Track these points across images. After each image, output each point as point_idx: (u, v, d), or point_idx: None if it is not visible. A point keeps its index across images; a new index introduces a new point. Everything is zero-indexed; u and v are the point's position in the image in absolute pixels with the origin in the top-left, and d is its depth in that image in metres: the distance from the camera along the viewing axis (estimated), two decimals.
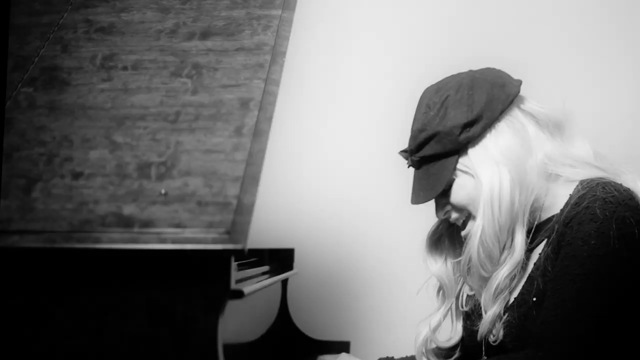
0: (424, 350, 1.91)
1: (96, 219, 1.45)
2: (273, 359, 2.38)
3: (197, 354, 1.42)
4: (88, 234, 1.43)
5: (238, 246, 1.42)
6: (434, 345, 1.94)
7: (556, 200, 1.75)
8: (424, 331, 1.90)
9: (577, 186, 1.72)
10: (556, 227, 1.70)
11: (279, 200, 2.64)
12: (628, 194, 1.68)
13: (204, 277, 1.43)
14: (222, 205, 1.47)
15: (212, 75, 1.73)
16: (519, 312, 1.73)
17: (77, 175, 1.53)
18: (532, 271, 1.74)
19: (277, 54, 1.79)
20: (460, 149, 1.75)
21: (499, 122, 1.76)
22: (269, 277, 1.99)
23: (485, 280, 1.77)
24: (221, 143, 1.58)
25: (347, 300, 2.69)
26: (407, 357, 2.05)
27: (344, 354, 2.03)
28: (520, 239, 1.73)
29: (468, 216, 1.79)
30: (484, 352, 1.82)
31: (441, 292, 1.91)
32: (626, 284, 1.62)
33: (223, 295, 1.43)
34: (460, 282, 1.89)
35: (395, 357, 2.05)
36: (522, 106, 1.79)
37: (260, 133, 1.60)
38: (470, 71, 1.82)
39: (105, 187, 1.50)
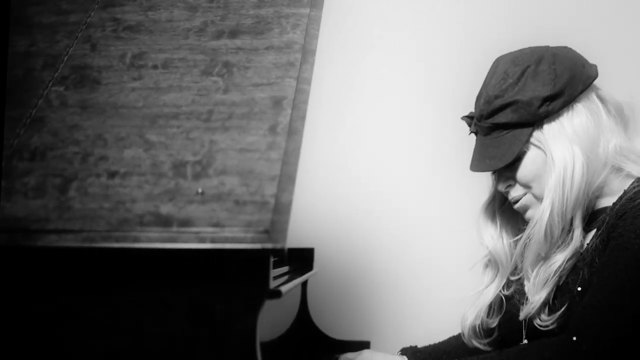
0: (473, 332, 1.88)
1: (134, 218, 1.44)
2: (293, 358, 2.37)
3: (236, 354, 1.42)
4: (126, 233, 1.42)
5: (277, 245, 1.41)
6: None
7: (611, 192, 1.75)
8: (474, 311, 1.87)
9: (634, 182, 1.73)
10: (607, 219, 1.70)
11: (299, 199, 2.61)
12: None
13: (243, 277, 1.42)
14: (260, 204, 1.46)
15: (243, 74, 1.72)
16: (561, 301, 1.73)
17: (112, 174, 1.52)
18: (578, 260, 1.74)
19: (307, 52, 1.78)
20: (535, 122, 1.74)
21: (577, 102, 1.75)
22: (290, 276, 1.99)
23: (538, 261, 1.76)
24: (256, 142, 1.57)
25: (367, 299, 2.69)
26: (430, 345, 2.05)
27: (366, 351, 2.02)
28: (579, 223, 1.73)
29: (526, 193, 1.78)
30: (524, 336, 1.81)
31: (490, 267, 1.88)
32: None
33: (262, 295, 1.43)
34: (513, 261, 1.86)
35: (419, 346, 2.04)
36: (598, 91, 1.79)
37: (294, 132, 1.59)
38: (548, 47, 1.80)
39: (142, 186, 1.50)
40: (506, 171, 1.79)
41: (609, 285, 1.64)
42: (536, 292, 1.75)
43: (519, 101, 1.73)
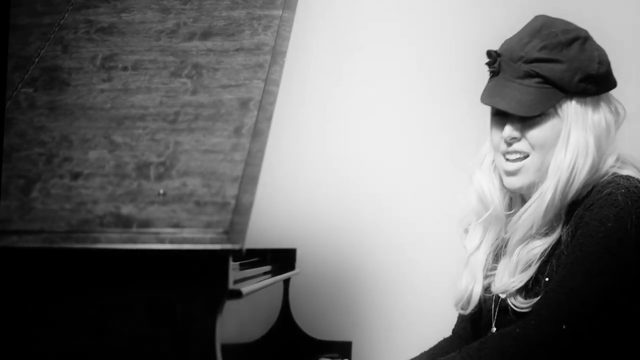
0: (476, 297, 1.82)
1: (94, 219, 1.45)
2: (275, 358, 2.38)
3: (196, 354, 1.42)
4: (87, 234, 1.43)
5: (236, 246, 1.42)
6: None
7: (585, 189, 1.75)
8: (471, 276, 1.82)
9: (604, 176, 1.73)
10: (577, 212, 1.71)
11: (281, 200, 2.64)
12: None
13: (202, 277, 1.43)
14: (221, 205, 1.47)
15: (212, 76, 1.73)
16: (533, 292, 1.73)
17: (76, 176, 1.53)
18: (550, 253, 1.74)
19: (277, 54, 1.79)
20: (568, 93, 1.72)
21: (601, 100, 1.75)
22: (270, 277, 2.00)
23: (525, 238, 1.74)
24: (220, 143, 1.58)
25: (349, 300, 2.69)
26: None
27: None
28: (564, 215, 1.73)
29: (526, 156, 1.76)
30: (494, 324, 1.81)
31: (477, 226, 1.85)
32: (636, 272, 1.63)
33: (221, 295, 1.43)
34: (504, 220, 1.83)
35: None
36: (614, 100, 1.79)
37: (259, 133, 1.60)
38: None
39: (104, 187, 1.51)
40: (520, 123, 1.74)
41: (572, 271, 1.64)
42: (518, 272, 1.73)
43: (565, 63, 1.71)
